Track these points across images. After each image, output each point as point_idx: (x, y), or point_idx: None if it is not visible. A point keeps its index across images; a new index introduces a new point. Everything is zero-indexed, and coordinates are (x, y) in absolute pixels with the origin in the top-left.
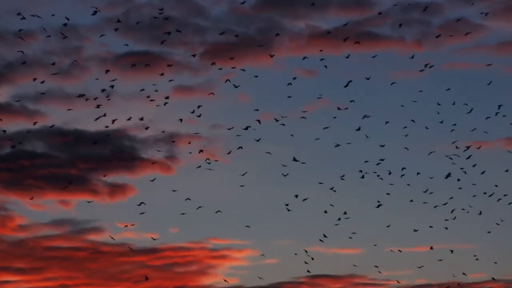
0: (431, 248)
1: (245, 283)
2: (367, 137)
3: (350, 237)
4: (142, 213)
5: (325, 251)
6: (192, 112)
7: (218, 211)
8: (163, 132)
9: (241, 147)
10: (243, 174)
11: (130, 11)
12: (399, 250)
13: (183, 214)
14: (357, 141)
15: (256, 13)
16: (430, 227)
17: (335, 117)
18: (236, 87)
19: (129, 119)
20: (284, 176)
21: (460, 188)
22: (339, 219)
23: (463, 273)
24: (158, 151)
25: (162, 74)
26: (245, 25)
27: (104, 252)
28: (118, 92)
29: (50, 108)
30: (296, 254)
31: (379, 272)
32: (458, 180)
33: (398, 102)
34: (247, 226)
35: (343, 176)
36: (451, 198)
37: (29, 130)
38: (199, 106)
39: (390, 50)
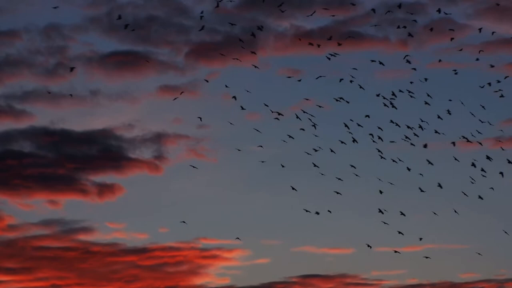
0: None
1: (237, 283)
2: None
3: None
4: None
5: (316, 251)
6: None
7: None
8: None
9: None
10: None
11: (113, 10)
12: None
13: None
14: (346, 141)
15: (240, 13)
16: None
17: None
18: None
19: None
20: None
21: (450, 187)
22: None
23: (455, 273)
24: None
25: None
26: (229, 25)
27: (95, 252)
28: (104, 92)
29: (36, 108)
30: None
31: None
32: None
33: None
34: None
35: (337, 176)
36: (442, 198)
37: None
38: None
39: (375, 49)
